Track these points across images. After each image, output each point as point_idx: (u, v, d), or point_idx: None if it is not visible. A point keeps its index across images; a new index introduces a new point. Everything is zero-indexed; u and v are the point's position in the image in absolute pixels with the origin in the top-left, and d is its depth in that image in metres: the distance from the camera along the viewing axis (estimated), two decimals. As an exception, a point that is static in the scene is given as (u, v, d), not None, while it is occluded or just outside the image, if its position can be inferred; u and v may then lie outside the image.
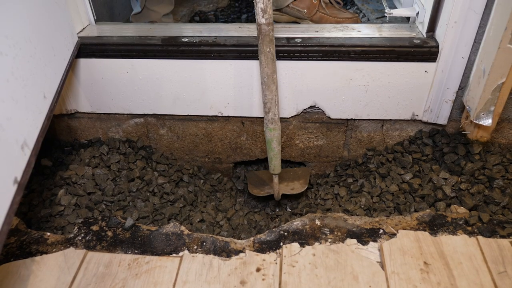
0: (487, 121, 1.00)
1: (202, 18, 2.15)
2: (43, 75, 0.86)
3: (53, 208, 1.07)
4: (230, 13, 2.20)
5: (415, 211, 1.06)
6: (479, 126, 1.06)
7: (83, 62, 1.15)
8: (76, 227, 0.97)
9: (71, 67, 1.06)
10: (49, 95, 0.87)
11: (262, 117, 1.22)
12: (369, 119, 1.20)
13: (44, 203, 1.10)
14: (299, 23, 1.37)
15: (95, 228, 0.96)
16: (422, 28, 1.13)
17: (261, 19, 0.94)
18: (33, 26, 0.84)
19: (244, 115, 1.22)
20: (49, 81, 0.88)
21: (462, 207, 1.03)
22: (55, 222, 1.04)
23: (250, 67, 1.12)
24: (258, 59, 1.11)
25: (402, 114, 1.18)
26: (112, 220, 0.97)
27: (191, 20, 2.13)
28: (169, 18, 1.74)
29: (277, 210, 1.25)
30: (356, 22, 1.28)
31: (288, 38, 1.11)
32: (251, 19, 2.20)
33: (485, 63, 0.96)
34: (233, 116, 1.22)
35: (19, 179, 0.71)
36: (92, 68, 1.16)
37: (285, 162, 1.39)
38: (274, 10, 1.41)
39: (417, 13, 1.15)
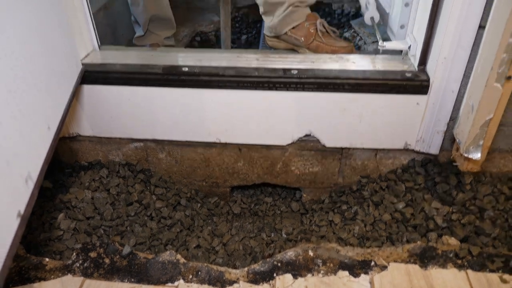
0: (476, 155, 1.03)
1: (203, 38, 2.20)
2: (48, 107, 0.89)
3: (53, 232, 1.09)
4: (231, 32, 2.25)
5: (407, 241, 1.08)
6: (469, 159, 1.09)
7: (87, 88, 1.18)
8: (74, 253, 1.00)
9: (75, 95, 1.09)
10: (53, 126, 0.90)
11: (259, 144, 1.25)
12: (363, 148, 1.23)
13: (43, 226, 1.12)
14: (297, 50, 1.41)
15: (93, 254, 0.98)
16: (414, 61, 1.17)
17: None
18: (41, 60, 0.88)
19: (241, 142, 1.25)
20: (53, 112, 0.91)
21: (453, 238, 1.05)
22: (54, 246, 1.06)
23: (249, 97, 1.15)
24: (256, 89, 1.14)
25: (395, 143, 1.21)
26: (110, 247, 1.00)
27: (193, 40, 2.18)
28: (171, 41, 1.78)
29: (272, 236, 1.28)
30: (351, 51, 1.32)
31: (284, 70, 1.15)
32: (251, 40, 2.25)
33: (474, 99, 0.99)
34: (231, 143, 1.25)
35: (22, 212, 0.73)
36: (95, 94, 1.19)
37: (281, 188, 1.42)
38: (272, 37, 1.45)
39: (409, 47, 1.19)
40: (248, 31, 2.25)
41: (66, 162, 1.33)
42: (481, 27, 0.97)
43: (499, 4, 0.89)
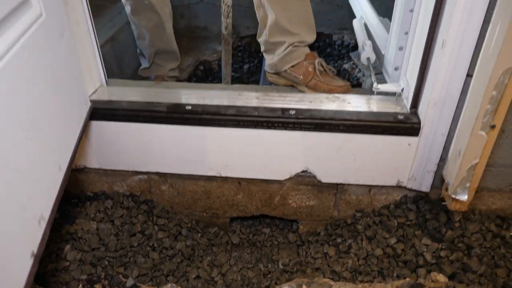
0: (463, 197, 1.09)
1: (206, 67, 2.28)
2: (60, 148, 0.95)
3: (59, 262, 1.14)
4: (233, 63, 2.33)
5: (397, 276, 1.13)
6: (457, 200, 1.14)
7: (94, 124, 1.25)
8: (80, 285, 1.04)
9: (83, 132, 1.15)
10: (64, 165, 0.96)
11: (258, 179, 1.31)
12: (357, 184, 1.29)
13: (50, 257, 1.17)
14: (296, 87, 1.47)
15: (98, 286, 1.03)
16: (407, 103, 1.23)
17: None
18: (53, 104, 0.94)
19: (241, 176, 1.30)
20: (64, 152, 0.97)
21: (441, 274, 1.10)
22: (61, 277, 1.11)
23: (248, 135, 1.21)
24: (256, 128, 1.21)
25: (388, 180, 1.27)
26: (114, 279, 1.04)
27: (196, 69, 2.26)
28: (175, 72, 1.85)
29: (269, 266, 1.32)
30: (348, 90, 1.38)
31: (283, 110, 1.21)
32: (253, 69, 2.32)
33: (461, 144, 1.05)
34: (231, 177, 1.31)
35: (35, 251, 0.79)
36: (102, 129, 1.25)
37: (279, 219, 1.47)
38: (273, 73, 1.52)
39: (402, 89, 1.25)
40: (250, 60, 2.33)
41: (73, 193, 1.39)
42: (469, 75, 1.04)
43: (484, 58, 0.96)
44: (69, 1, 1.16)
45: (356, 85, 2.07)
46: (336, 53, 2.32)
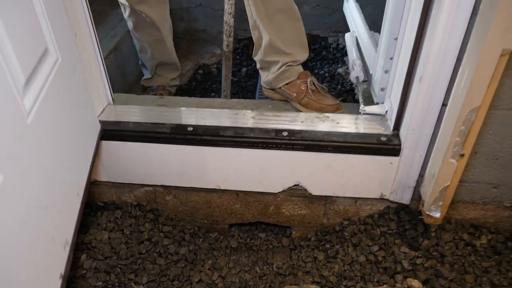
0: (436, 214, 1.22)
1: (205, 71, 2.37)
2: (77, 177, 1.07)
3: (77, 270, 1.28)
4: (231, 66, 2.41)
5: (377, 282, 1.27)
6: (431, 216, 1.27)
7: (104, 144, 1.36)
8: (97, 292, 1.19)
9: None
10: (81, 192, 1.08)
11: (254, 191, 1.44)
12: (344, 196, 1.42)
13: (68, 264, 1.31)
14: (289, 102, 1.58)
15: (113, 294, 1.18)
16: (390, 124, 1.34)
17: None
18: (71, 140, 1.05)
19: (238, 189, 1.43)
20: (81, 180, 1.09)
21: (416, 280, 1.24)
22: (79, 284, 1.25)
23: (245, 153, 1.33)
24: (251, 148, 1.32)
25: (372, 193, 1.39)
26: (127, 287, 1.19)
27: (196, 73, 2.35)
28: (176, 81, 1.95)
29: (264, 269, 1.47)
30: (338, 109, 1.48)
31: (276, 131, 1.32)
32: (251, 72, 2.41)
33: (435, 169, 1.17)
34: (229, 190, 1.44)
35: (63, 273, 0.92)
36: (111, 148, 1.37)
37: (274, 225, 1.61)
38: (268, 89, 1.63)
39: (387, 111, 1.36)
40: (248, 64, 2.41)
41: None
42: (444, 105, 1.15)
43: (454, 97, 1.07)
44: (78, 32, 1.25)
45: (349, 90, 2.17)
46: (331, 56, 2.40)
